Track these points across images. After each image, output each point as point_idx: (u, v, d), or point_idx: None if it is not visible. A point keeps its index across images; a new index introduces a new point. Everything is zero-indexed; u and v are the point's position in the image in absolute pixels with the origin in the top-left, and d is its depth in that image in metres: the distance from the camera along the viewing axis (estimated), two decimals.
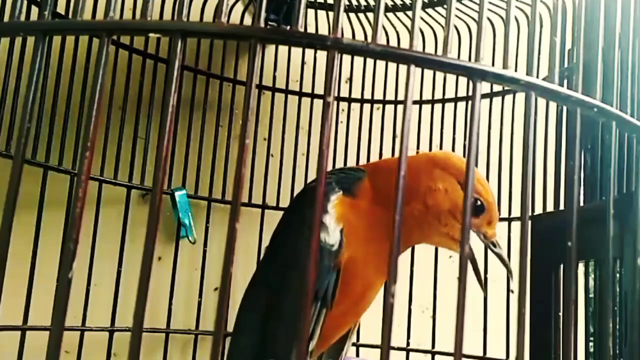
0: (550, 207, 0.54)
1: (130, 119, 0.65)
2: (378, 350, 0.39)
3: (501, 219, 0.65)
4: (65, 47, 0.59)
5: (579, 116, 0.26)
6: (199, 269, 0.68)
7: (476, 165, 0.24)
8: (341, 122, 0.75)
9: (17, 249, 0.33)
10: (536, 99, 0.38)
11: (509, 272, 0.50)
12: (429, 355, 0.67)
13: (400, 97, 0.74)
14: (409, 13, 0.70)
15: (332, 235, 0.46)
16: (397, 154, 0.73)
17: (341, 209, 0.47)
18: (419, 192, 0.47)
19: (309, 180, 0.72)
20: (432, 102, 0.72)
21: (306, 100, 0.74)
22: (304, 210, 0.48)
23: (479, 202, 0.48)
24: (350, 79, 0.77)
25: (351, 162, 0.73)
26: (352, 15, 0.72)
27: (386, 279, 0.36)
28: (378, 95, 0.75)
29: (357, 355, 0.69)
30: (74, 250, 0.21)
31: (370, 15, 0.71)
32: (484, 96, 0.66)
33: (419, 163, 0.49)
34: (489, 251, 0.64)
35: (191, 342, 0.68)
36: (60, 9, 0.59)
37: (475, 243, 0.49)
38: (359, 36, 0.73)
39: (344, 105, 0.75)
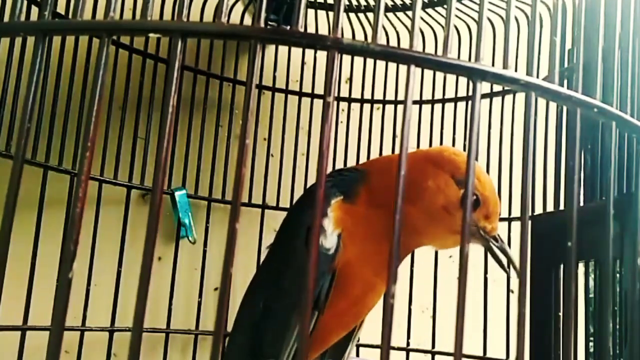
0: (550, 207, 0.54)
1: (130, 119, 0.65)
2: (378, 350, 0.39)
3: (501, 219, 0.64)
4: (65, 47, 0.59)
5: (579, 116, 0.26)
6: (199, 269, 0.68)
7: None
8: (341, 122, 0.75)
9: (17, 249, 0.33)
10: (536, 99, 0.38)
11: (515, 268, 0.47)
12: (429, 355, 0.67)
13: (400, 97, 0.74)
14: (409, 13, 0.70)
15: (329, 239, 0.46)
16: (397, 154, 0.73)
17: (339, 213, 0.47)
18: (410, 191, 0.45)
19: (309, 180, 0.72)
20: (432, 102, 0.72)
21: (306, 100, 0.74)
22: (302, 212, 0.49)
23: (474, 196, 0.45)
24: (350, 79, 0.77)
25: (351, 162, 0.73)
26: (352, 15, 0.72)
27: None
28: (378, 95, 0.75)
29: (357, 355, 0.69)
30: (74, 250, 0.21)
31: (370, 15, 0.71)
32: (484, 96, 0.66)
33: (414, 161, 0.46)
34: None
35: (191, 342, 0.68)
36: (60, 9, 0.59)
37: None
38: (359, 36, 0.73)
39: (344, 105, 0.75)
